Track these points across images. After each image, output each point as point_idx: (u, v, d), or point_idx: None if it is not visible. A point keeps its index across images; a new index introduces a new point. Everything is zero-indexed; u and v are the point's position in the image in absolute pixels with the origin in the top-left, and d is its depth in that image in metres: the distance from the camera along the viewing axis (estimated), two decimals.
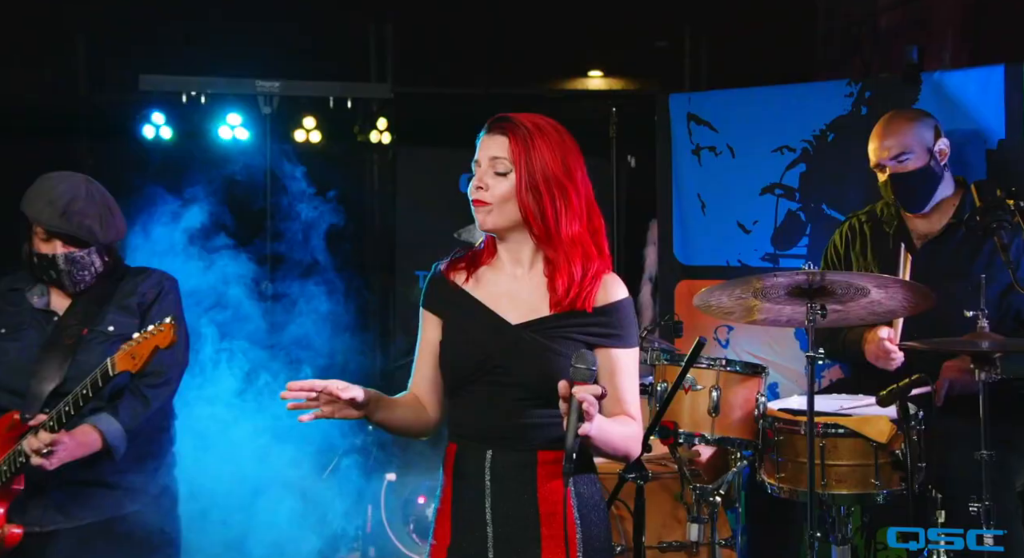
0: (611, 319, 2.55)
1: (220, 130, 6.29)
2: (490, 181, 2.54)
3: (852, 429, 3.50)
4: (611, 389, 2.51)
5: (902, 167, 3.94)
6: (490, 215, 2.55)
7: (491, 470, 2.54)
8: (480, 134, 2.62)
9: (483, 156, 2.57)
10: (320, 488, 4.89)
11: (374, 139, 6.02)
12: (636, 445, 2.57)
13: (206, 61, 6.39)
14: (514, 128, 2.55)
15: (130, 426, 3.25)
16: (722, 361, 3.65)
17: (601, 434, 2.38)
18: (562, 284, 2.53)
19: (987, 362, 3.26)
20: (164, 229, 5.31)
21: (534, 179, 2.52)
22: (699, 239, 5.17)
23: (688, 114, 5.19)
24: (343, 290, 5.79)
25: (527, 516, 2.52)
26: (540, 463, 2.53)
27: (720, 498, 3.66)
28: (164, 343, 3.01)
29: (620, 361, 2.55)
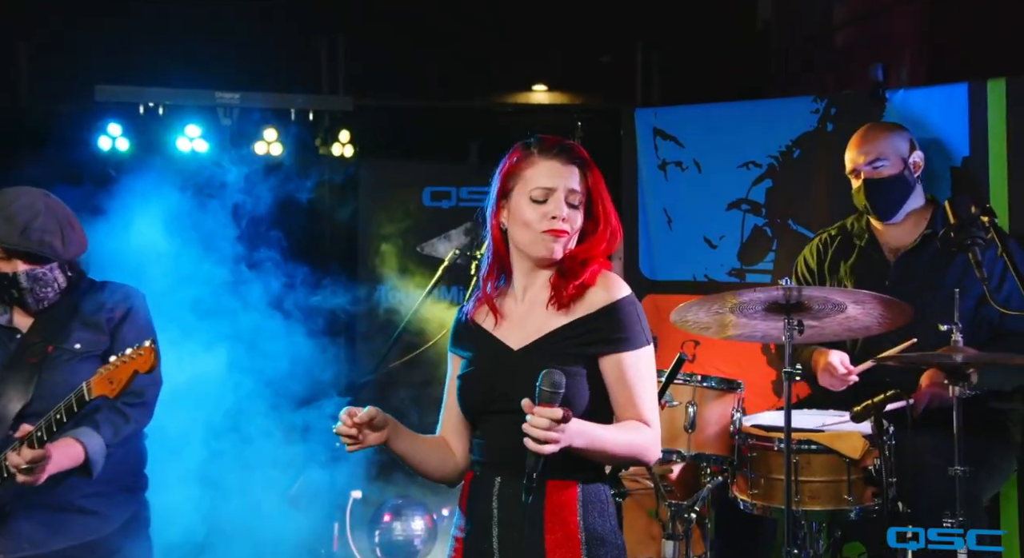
0: (613, 320, 2.50)
1: (179, 142, 6.19)
2: (568, 212, 2.53)
3: (825, 445, 3.52)
4: (622, 395, 2.49)
5: (876, 173, 4.03)
6: (568, 245, 2.53)
7: (498, 498, 2.51)
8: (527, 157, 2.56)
9: (560, 185, 2.53)
10: (285, 505, 4.82)
11: (336, 152, 5.96)
12: (648, 450, 2.50)
13: (164, 72, 6.29)
14: (584, 158, 2.56)
15: (111, 442, 3.16)
16: (698, 377, 3.64)
17: (594, 444, 2.38)
18: (572, 285, 2.51)
19: (961, 376, 3.28)
20: (121, 241, 5.21)
21: (601, 209, 2.56)
22: (665, 254, 5.17)
23: (654, 129, 5.20)
24: (305, 305, 5.71)
25: (533, 545, 2.47)
26: (549, 493, 2.49)
27: (695, 515, 3.65)
28: (144, 367, 2.93)
29: (627, 365, 2.49)
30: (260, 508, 4.71)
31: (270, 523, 4.74)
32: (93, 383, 2.96)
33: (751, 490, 3.61)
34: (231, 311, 5.47)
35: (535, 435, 2.26)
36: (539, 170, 2.53)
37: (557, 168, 2.52)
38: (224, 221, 5.66)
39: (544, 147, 2.56)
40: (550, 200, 2.50)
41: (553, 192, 2.50)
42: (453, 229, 5.85)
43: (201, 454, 4.62)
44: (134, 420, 3.28)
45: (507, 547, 2.49)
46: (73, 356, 3.24)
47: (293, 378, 5.54)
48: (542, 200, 2.51)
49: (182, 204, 5.53)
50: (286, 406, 5.33)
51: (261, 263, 5.66)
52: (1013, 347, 3.74)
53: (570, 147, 2.56)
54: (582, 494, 2.51)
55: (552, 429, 2.26)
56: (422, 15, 6.29)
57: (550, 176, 2.51)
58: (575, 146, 2.58)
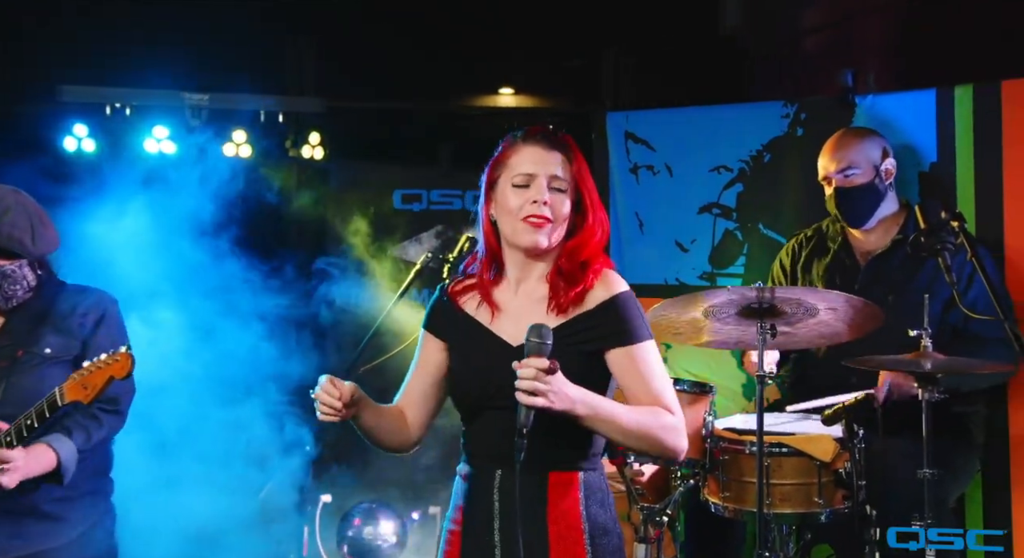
0: (613, 315, 2.48)
1: (146, 143, 6.13)
2: (552, 197, 2.50)
3: (796, 448, 3.53)
4: (636, 386, 2.47)
5: (847, 181, 4.06)
6: (552, 234, 2.50)
7: (499, 490, 2.49)
8: (512, 144, 2.56)
9: (542, 171, 2.50)
10: (255, 509, 4.78)
11: (306, 154, 5.92)
12: (669, 434, 2.44)
13: (131, 72, 6.22)
14: (569, 145, 2.54)
15: (83, 448, 3.13)
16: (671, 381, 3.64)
17: (600, 413, 2.35)
18: (572, 290, 2.49)
19: (930, 381, 3.31)
20: (88, 243, 5.16)
21: (588, 199, 2.53)
22: (637, 257, 5.18)
23: (625, 132, 5.21)
24: (273, 309, 5.68)
25: (536, 539, 2.46)
26: (551, 484, 2.48)
27: (667, 518, 3.65)
28: (121, 373, 2.90)
29: (635, 357, 2.47)
30: (228, 512, 4.68)
31: (239, 527, 4.71)
32: (66, 388, 2.92)
33: (723, 493, 3.62)
34: (198, 315, 5.43)
35: (523, 387, 2.27)
36: (522, 156, 2.53)
37: (540, 153, 2.51)
38: (192, 224, 5.62)
39: (528, 134, 2.56)
40: (532, 185, 2.49)
41: (535, 177, 2.49)
42: (424, 232, 5.86)
43: (166, 458, 4.57)
44: (107, 426, 3.24)
45: (509, 540, 2.45)
46: (43, 361, 3.20)
47: (260, 381, 5.51)
48: (524, 185, 2.50)
49: (149, 206, 5.48)
50: (255, 410, 5.29)
51: (229, 266, 5.62)
52: (973, 349, 3.79)
53: (554, 134, 2.55)
54: (583, 485, 2.51)
55: (539, 379, 2.26)
56: (391, 18, 6.26)
57: (532, 161, 2.51)
58: (561, 134, 2.56)
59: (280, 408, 5.57)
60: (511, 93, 7.21)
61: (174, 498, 4.48)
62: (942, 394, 3.33)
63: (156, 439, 4.65)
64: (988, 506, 4.21)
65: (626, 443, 2.44)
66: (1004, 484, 4.16)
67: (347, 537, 5.10)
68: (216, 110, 5.98)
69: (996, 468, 4.17)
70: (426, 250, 5.86)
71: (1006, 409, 4.17)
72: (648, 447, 2.44)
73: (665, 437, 2.43)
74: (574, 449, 2.50)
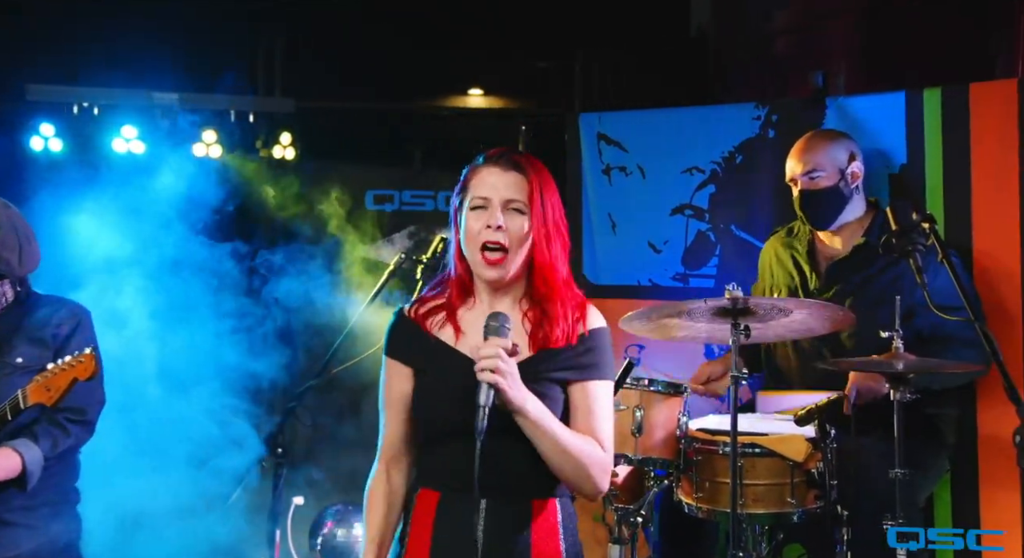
0: (590, 349, 2.50)
1: (114, 142, 6.08)
2: (507, 221, 2.47)
3: (769, 449, 3.55)
4: (583, 421, 2.47)
5: (812, 184, 4.10)
6: (512, 263, 2.47)
7: (486, 521, 2.43)
8: (470, 169, 2.54)
9: (495, 195, 2.48)
10: (226, 512, 4.75)
11: (277, 154, 5.89)
12: (602, 473, 2.46)
13: (99, 71, 6.17)
14: (528, 166, 2.50)
15: (49, 455, 3.09)
16: (645, 381, 3.65)
17: (543, 421, 2.36)
18: (557, 327, 2.47)
19: (902, 382, 3.34)
20: (54, 244, 5.11)
21: (548, 221, 2.50)
22: (609, 258, 5.18)
23: (598, 134, 5.21)
24: (243, 309, 5.65)
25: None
26: (535, 513, 2.47)
27: (641, 519, 3.66)
28: (84, 375, 2.86)
29: (595, 395, 2.49)
30: (199, 515, 4.64)
31: (210, 530, 4.67)
32: (29, 391, 2.89)
33: (696, 493, 3.63)
34: (166, 316, 5.39)
35: (486, 365, 2.29)
36: (479, 179, 2.51)
37: (497, 175, 2.49)
38: (161, 224, 5.58)
39: (487, 157, 2.54)
40: (488, 208, 2.47)
41: (490, 201, 2.47)
42: (396, 233, 5.83)
43: (138, 462, 4.53)
44: (74, 435, 3.21)
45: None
46: (14, 371, 3.16)
47: (230, 383, 5.48)
48: (481, 207, 2.48)
49: (117, 206, 5.44)
50: (225, 412, 5.26)
51: (198, 267, 5.58)
52: (943, 350, 3.81)
53: (512, 154, 2.53)
54: (561, 511, 2.52)
55: (500, 357, 2.29)
56: (361, 18, 6.24)
57: (488, 184, 2.49)
58: (520, 154, 2.54)
59: (246, 409, 5.54)
60: (480, 94, 7.21)
61: (144, 502, 4.44)
62: (913, 394, 3.36)
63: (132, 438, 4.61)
64: (956, 506, 4.24)
65: (555, 461, 2.41)
66: (972, 484, 4.20)
67: (319, 540, 5.07)
68: (186, 110, 5.95)
69: (964, 468, 4.20)
70: (398, 251, 5.85)
71: (975, 409, 4.21)
72: (573, 473, 2.43)
73: (592, 469, 2.44)
74: (551, 477, 2.48)
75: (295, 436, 3.98)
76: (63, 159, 6.17)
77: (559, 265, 2.51)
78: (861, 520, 3.50)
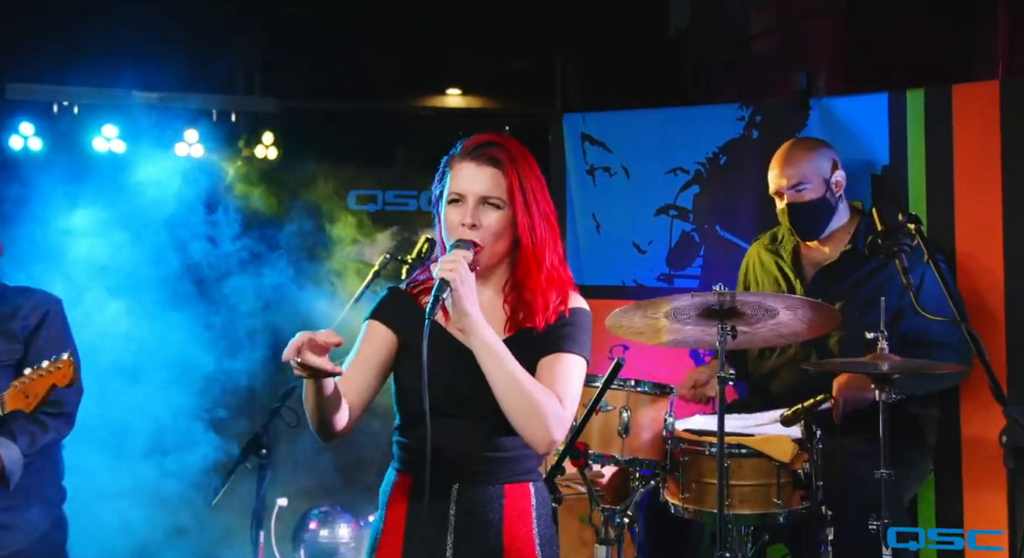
0: (565, 325, 2.49)
1: (95, 142, 6.02)
2: (481, 216, 2.46)
3: (755, 449, 3.55)
4: (546, 382, 2.43)
5: (799, 197, 4.09)
6: (486, 255, 2.47)
7: (457, 504, 2.45)
8: (449, 159, 2.53)
9: (470, 191, 2.47)
10: (210, 513, 4.72)
11: (260, 154, 5.86)
12: (556, 420, 2.37)
13: (80, 70, 6.11)
14: (505, 159, 2.48)
15: (27, 452, 3.05)
16: (631, 382, 3.65)
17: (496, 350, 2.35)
18: (537, 311, 2.48)
19: (887, 383, 3.35)
20: (34, 243, 5.08)
21: (531, 212, 2.48)
22: (594, 259, 5.18)
23: (582, 134, 5.21)
24: (226, 310, 5.62)
25: (491, 552, 2.45)
26: (507, 496, 2.47)
27: (628, 519, 3.65)
28: (63, 381, 2.83)
29: (560, 362, 2.46)
30: (182, 517, 4.62)
31: (193, 532, 4.65)
32: (7, 397, 2.85)
33: (682, 494, 3.63)
34: (149, 316, 5.36)
35: (446, 266, 2.34)
36: (455, 173, 2.50)
37: (471, 171, 2.48)
38: (143, 224, 5.55)
39: (463, 150, 2.53)
40: (463, 204, 2.47)
41: (465, 197, 2.47)
42: (379, 233, 5.81)
43: (121, 463, 4.50)
44: (53, 429, 3.17)
45: (462, 554, 2.45)
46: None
47: (212, 383, 5.45)
48: (457, 201, 2.48)
49: (98, 206, 5.41)
50: (209, 412, 5.23)
51: (181, 267, 5.56)
52: (928, 353, 3.85)
53: (488, 148, 2.50)
54: (535, 496, 2.52)
55: (460, 263, 2.34)
56: (343, 17, 6.21)
57: (462, 180, 2.48)
58: (496, 146, 2.51)
59: (228, 407, 5.52)
60: (459, 93, 7.19)
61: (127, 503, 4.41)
62: (899, 396, 3.37)
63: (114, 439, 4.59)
64: (940, 506, 4.26)
65: (507, 397, 2.35)
66: (956, 484, 4.22)
67: (304, 541, 5.05)
68: (167, 109, 5.91)
69: (948, 468, 4.22)
70: (381, 251, 5.83)
71: (958, 411, 4.23)
72: (525, 413, 2.36)
73: (547, 414, 2.36)
74: (526, 461, 2.50)
75: (279, 437, 3.95)
76: (43, 158, 6.11)
77: (545, 251, 2.51)
78: (847, 520, 3.52)
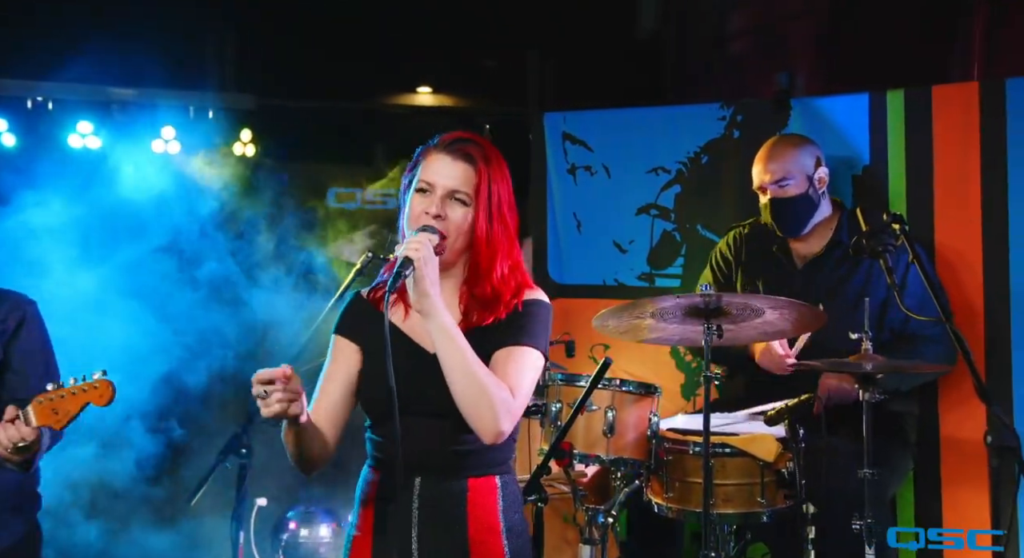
0: (518, 317, 2.50)
1: (70, 138, 5.96)
2: (447, 210, 2.47)
3: (740, 448, 3.56)
4: (500, 374, 2.43)
5: (782, 192, 4.10)
6: (448, 249, 2.47)
7: (419, 498, 2.48)
8: (423, 149, 2.55)
9: (440, 183, 2.48)
10: (188, 513, 4.68)
11: (238, 151, 5.81)
12: (506, 411, 2.38)
13: (54, 65, 6.04)
14: (479, 158, 2.50)
15: (39, 457, 3.01)
16: (616, 382, 3.65)
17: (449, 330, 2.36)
18: (490, 309, 2.50)
19: (871, 382, 3.37)
20: (8, 240, 5.02)
21: (492, 213, 2.50)
22: (574, 258, 5.17)
23: (563, 133, 5.20)
24: (204, 309, 5.58)
25: (456, 546, 2.47)
26: (470, 490, 2.48)
27: (612, 519, 3.65)
28: (101, 401, 2.79)
29: (513, 354, 2.46)
30: (163, 517, 4.58)
31: (172, 532, 4.61)
32: (34, 412, 2.79)
33: (666, 493, 3.63)
34: (126, 316, 5.31)
35: (412, 245, 2.34)
36: (428, 163, 2.51)
37: (444, 163, 2.50)
38: (119, 221, 5.50)
39: (441, 142, 2.55)
40: (431, 194, 2.48)
41: (434, 188, 2.48)
42: (358, 232, 5.79)
43: (99, 462, 4.45)
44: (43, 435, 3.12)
45: (428, 549, 2.47)
46: None
47: (190, 384, 5.41)
48: (425, 191, 2.49)
49: (73, 203, 5.35)
50: (185, 412, 5.19)
51: (158, 266, 5.51)
52: (912, 348, 3.88)
53: (464, 144, 2.52)
54: (501, 488, 2.53)
55: (424, 245, 2.35)
56: (318, 14, 6.17)
57: (434, 171, 2.49)
58: (473, 144, 2.53)
59: (204, 411, 5.48)
60: (427, 92, 7.14)
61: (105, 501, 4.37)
62: (882, 395, 3.39)
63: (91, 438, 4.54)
64: (919, 505, 4.28)
65: (459, 384, 2.37)
66: (935, 483, 4.24)
67: (283, 541, 5.02)
68: (144, 105, 5.85)
69: (927, 467, 4.25)
70: (360, 250, 5.81)
71: (936, 408, 4.26)
72: (475, 402, 2.36)
73: (496, 403, 2.36)
74: (491, 455, 2.51)
75: (258, 436, 3.92)
76: (16, 154, 6.04)
77: (498, 258, 2.52)
78: (830, 519, 3.53)
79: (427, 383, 2.44)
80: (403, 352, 2.50)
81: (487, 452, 2.48)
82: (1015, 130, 4.20)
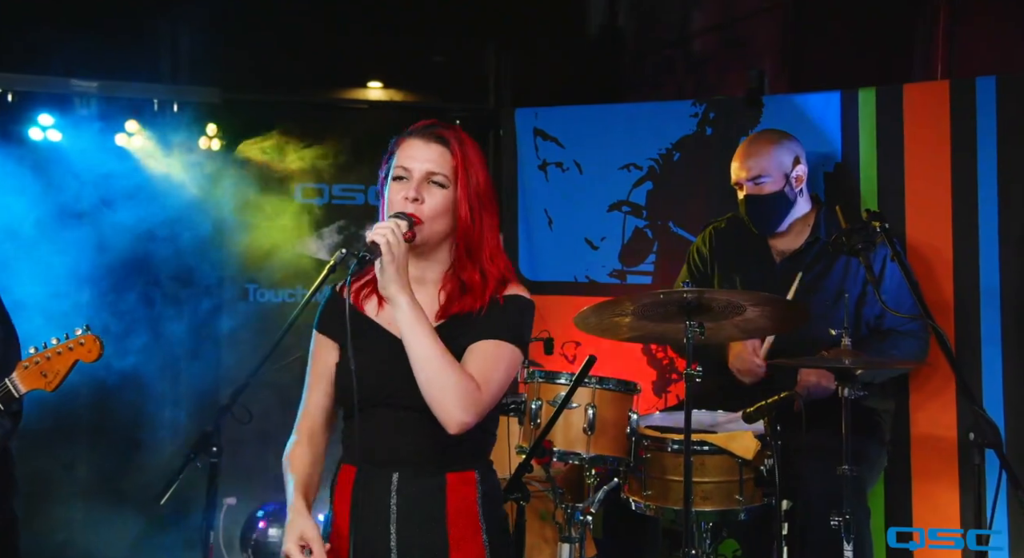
0: (495, 316, 2.47)
1: (31, 131, 5.83)
2: (425, 193, 2.46)
3: (719, 446, 3.56)
4: (470, 362, 2.42)
5: (758, 189, 4.11)
6: (427, 231, 2.45)
7: (398, 494, 2.45)
8: (396, 139, 2.54)
9: (416, 166, 2.47)
10: (158, 512, 4.62)
11: (203, 145, 5.73)
12: (467, 397, 2.35)
13: (14, 56, 5.91)
14: (453, 139, 2.49)
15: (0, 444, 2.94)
16: (597, 379, 3.63)
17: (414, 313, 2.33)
18: (472, 297, 2.47)
19: (849, 378, 3.38)
20: None
21: (471, 194, 2.48)
22: (546, 254, 5.16)
23: (535, 129, 5.19)
24: (172, 305, 5.51)
25: (436, 542, 2.44)
26: (449, 486, 2.46)
27: (591, 517, 3.64)
28: (90, 357, 2.72)
29: (486, 348, 2.44)
30: (131, 516, 4.52)
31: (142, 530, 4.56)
32: (19, 379, 2.71)
33: (645, 491, 3.62)
34: (92, 314, 5.24)
35: (380, 231, 2.32)
36: (403, 150, 2.51)
37: (419, 147, 2.49)
38: (81, 215, 5.41)
39: (413, 129, 2.54)
40: (408, 179, 2.47)
41: (411, 172, 2.47)
42: (326, 228, 5.73)
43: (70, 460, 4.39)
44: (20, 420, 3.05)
45: (406, 545, 2.45)
46: None
47: (159, 382, 5.34)
48: (402, 177, 2.48)
49: (34, 196, 5.26)
50: (155, 410, 5.12)
51: (123, 263, 5.42)
52: (889, 343, 3.92)
53: (437, 128, 2.52)
54: (481, 484, 2.51)
55: (393, 231, 2.32)
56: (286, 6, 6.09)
57: (409, 155, 2.49)
58: (446, 127, 2.53)
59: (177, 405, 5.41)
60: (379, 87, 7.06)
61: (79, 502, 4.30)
62: (860, 391, 3.41)
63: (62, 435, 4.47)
64: (890, 502, 4.32)
65: (423, 371, 2.35)
66: (905, 480, 4.28)
67: (252, 540, 4.97)
68: (107, 98, 5.73)
69: (897, 465, 4.28)
70: (328, 246, 5.75)
71: (908, 404, 4.30)
72: (439, 390, 2.34)
73: (460, 394, 2.34)
74: (470, 449, 2.49)
75: (230, 435, 3.87)
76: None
77: (484, 236, 2.51)
78: (809, 515, 3.55)
79: (401, 375, 2.40)
80: (378, 343, 2.48)
81: (465, 446, 2.45)
82: (984, 128, 4.24)
